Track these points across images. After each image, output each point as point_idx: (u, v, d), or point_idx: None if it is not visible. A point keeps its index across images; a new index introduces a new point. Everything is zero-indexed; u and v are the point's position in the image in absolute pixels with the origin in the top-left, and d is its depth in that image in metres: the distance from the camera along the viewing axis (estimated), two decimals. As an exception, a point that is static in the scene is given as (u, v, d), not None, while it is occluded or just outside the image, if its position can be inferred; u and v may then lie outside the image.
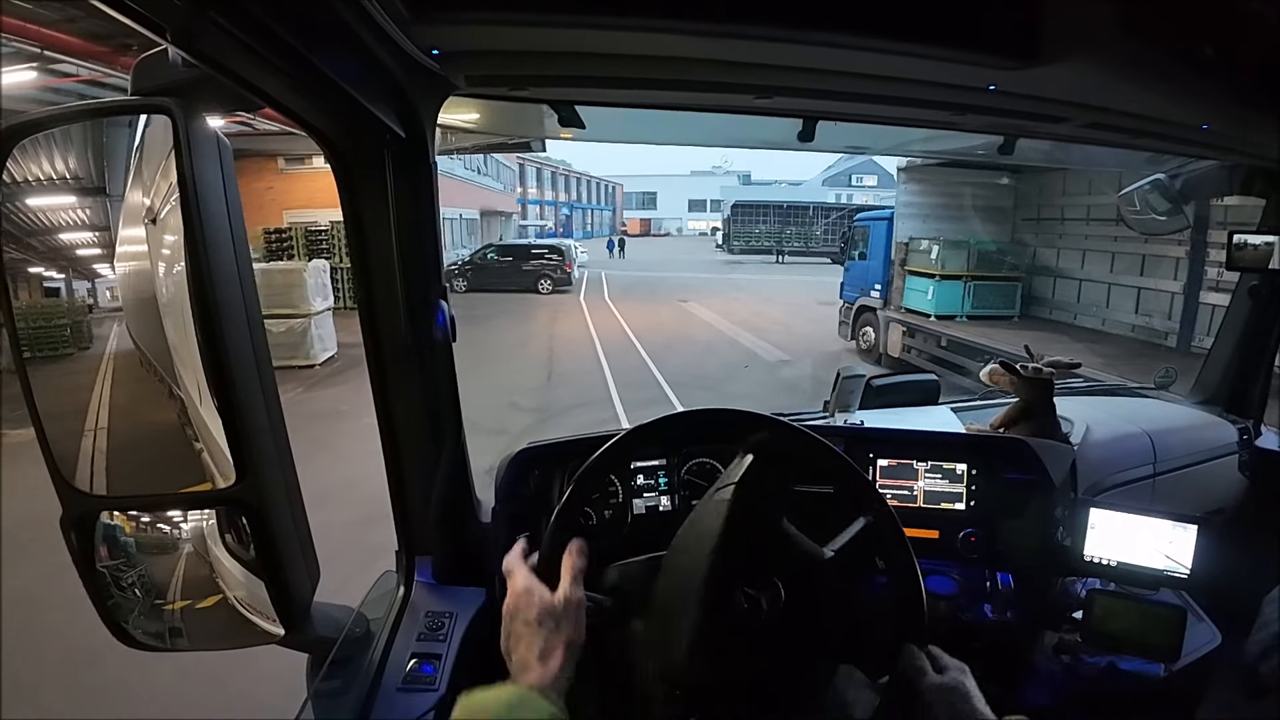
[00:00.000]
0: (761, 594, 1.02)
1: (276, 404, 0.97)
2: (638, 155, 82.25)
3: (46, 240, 1.13)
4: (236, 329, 0.86)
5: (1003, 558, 1.66)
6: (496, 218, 32.33)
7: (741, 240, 37.71)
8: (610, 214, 55.58)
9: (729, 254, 36.97)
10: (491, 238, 27.76)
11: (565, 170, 47.68)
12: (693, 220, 60.29)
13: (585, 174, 52.74)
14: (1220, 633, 1.65)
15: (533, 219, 41.33)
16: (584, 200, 52.67)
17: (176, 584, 1.05)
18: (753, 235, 37.83)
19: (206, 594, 1.06)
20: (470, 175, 26.69)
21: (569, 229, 44.06)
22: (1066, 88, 1.33)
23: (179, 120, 0.79)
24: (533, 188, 42.59)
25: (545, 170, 43.74)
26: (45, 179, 8.03)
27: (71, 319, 9.20)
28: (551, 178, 45.82)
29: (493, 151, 21.67)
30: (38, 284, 7.15)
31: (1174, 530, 1.57)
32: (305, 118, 1.04)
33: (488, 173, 30.04)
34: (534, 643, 0.91)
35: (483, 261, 21.71)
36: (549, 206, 45.52)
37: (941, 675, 1.00)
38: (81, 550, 0.92)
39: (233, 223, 0.86)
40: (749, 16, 1.04)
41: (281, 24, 0.75)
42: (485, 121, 1.73)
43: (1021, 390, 1.94)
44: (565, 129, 1.60)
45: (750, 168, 64.52)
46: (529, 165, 38.99)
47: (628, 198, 60.63)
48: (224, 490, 0.92)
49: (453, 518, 1.54)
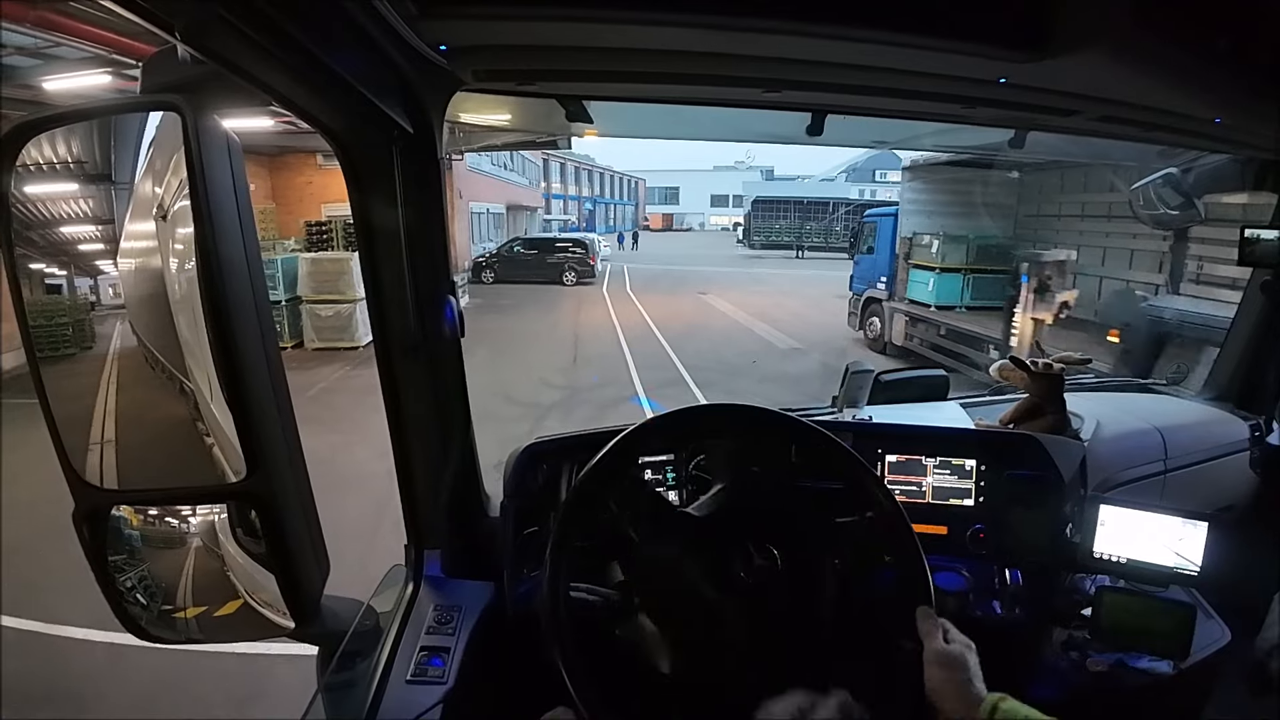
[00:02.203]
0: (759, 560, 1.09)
1: (287, 399, 0.98)
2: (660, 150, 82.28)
3: (49, 236, 1.13)
4: (246, 324, 0.87)
5: (1012, 554, 1.65)
6: (522, 212, 32.45)
7: (762, 235, 37.84)
8: (633, 209, 55.39)
9: (750, 249, 36.98)
10: (517, 231, 27.97)
11: (588, 165, 47.58)
12: (715, 216, 59.95)
13: (608, 169, 52.47)
14: (1230, 630, 1.64)
15: (556, 213, 41.33)
16: (607, 195, 52.50)
17: (187, 577, 1.06)
18: (773, 230, 37.95)
19: (217, 587, 1.07)
20: (497, 171, 26.83)
21: (592, 223, 43.98)
22: (1078, 80, 1.32)
23: (188, 117, 0.79)
24: (557, 183, 42.52)
25: (569, 165, 43.62)
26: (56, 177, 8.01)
27: (73, 317, 9.22)
28: (575, 173, 45.71)
29: (521, 148, 21.93)
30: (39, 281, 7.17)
31: (1184, 527, 1.56)
32: (314, 114, 1.04)
33: (513, 168, 30.17)
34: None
35: (510, 254, 22.22)
36: (572, 201, 45.43)
37: (948, 645, 1.03)
38: (93, 544, 0.93)
39: (242, 219, 0.87)
40: (757, 10, 1.04)
41: (290, 21, 0.75)
42: (497, 117, 1.73)
43: (1032, 386, 1.93)
44: (573, 124, 1.60)
45: (774, 163, 64.02)
46: (553, 161, 38.88)
47: (650, 193, 60.32)
48: (235, 484, 0.92)
49: (461, 512, 1.55)
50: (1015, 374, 1.95)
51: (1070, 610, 1.65)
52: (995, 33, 1.09)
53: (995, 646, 1.60)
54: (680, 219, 56.52)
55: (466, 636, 1.37)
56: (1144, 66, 1.22)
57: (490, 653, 1.41)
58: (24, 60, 7.81)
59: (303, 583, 1.00)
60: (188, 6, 0.68)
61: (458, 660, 1.32)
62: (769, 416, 1.28)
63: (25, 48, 7.29)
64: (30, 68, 7.96)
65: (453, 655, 1.33)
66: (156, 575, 1.06)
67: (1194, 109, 1.56)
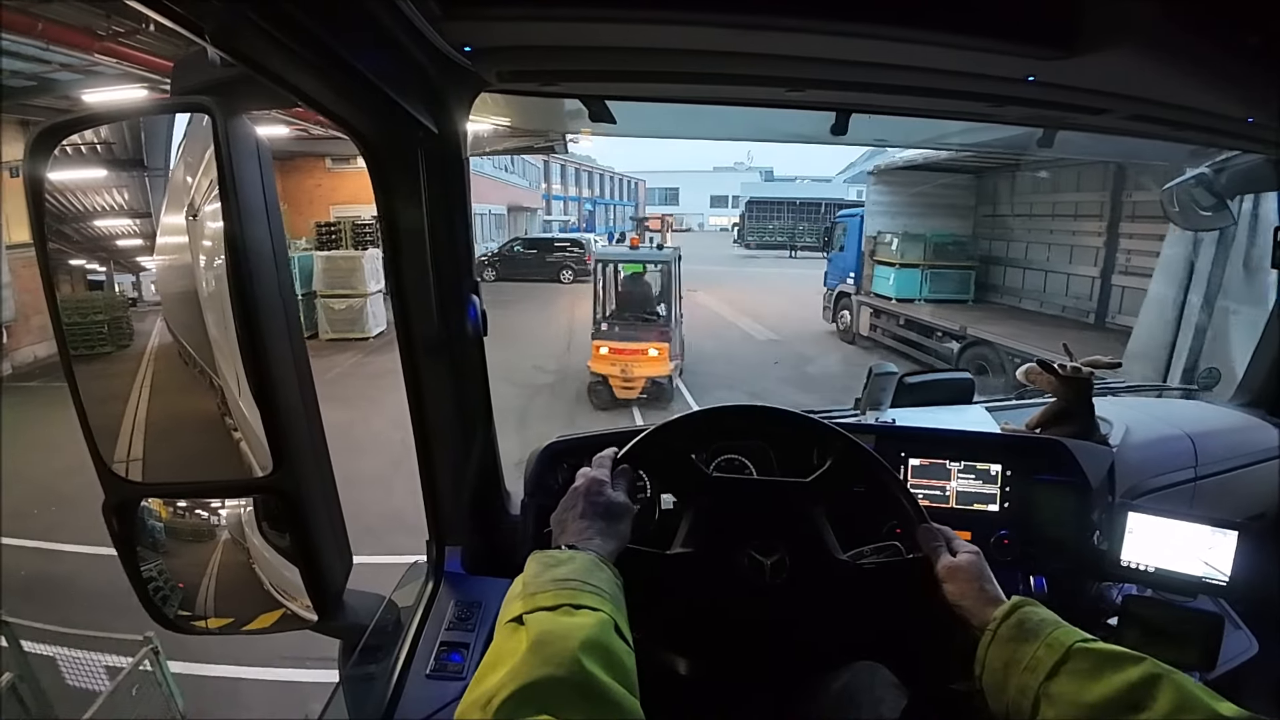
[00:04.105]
0: (768, 558, 1.10)
1: (313, 396, 0.99)
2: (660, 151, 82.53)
3: (91, 234, 1.16)
4: (274, 323, 0.88)
5: (1037, 561, 1.63)
6: (523, 213, 33.15)
7: (756, 235, 38.83)
8: (633, 209, 55.53)
9: (745, 249, 37.76)
10: (518, 232, 28.79)
11: (589, 167, 47.82)
12: (714, 216, 60.28)
13: (608, 170, 52.73)
14: (1257, 641, 1.60)
15: (557, 214, 41.78)
16: (607, 196, 52.83)
17: (213, 570, 1.08)
18: (766, 230, 38.97)
19: (243, 579, 1.09)
20: (498, 173, 27.68)
21: (591, 224, 44.18)
22: (1107, 78, 1.29)
23: (218, 118, 0.80)
24: (557, 184, 42.93)
25: (569, 167, 43.95)
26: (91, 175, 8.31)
27: (110, 314, 9.42)
28: (575, 174, 46.01)
29: (520, 153, 23.23)
30: (81, 277, 7.34)
31: (1214, 536, 1.52)
32: (340, 115, 1.05)
33: (514, 170, 30.99)
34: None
35: (510, 253, 23.57)
36: (572, 202, 45.75)
37: (957, 558, 1.03)
38: (122, 535, 0.95)
39: (270, 219, 0.88)
40: (781, 9, 1.03)
41: (317, 23, 0.76)
42: (513, 118, 1.74)
43: (1059, 390, 1.89)
44: (596, 124, 1.60)
45: (773, 164, 64.36)
46: (553, 162, 39.33)
47: (650, 193, 60.44)
48: (261, 479, 0.94)
49: (482, 510, 1.56)
50: (1042, 377, 1.91)
51: (1096, 619, 1.62)
52: (1023, 30, 1.07)
53: None
54: (680, 219, 56.66)
55: (486, 633, 1.38)
56: (1175, 64, 1.19)
57: None
58: (68, 75, 8.73)
59: (326, 577, 1.02)
60: (217, 9, 0.69)
61: (477, 656, 1.33)
62: (792, 418, 1.28)
63: (70, 65, 8.06)
64: (71, 81, 8.87)
65: (472, 651, 1.34)
66: (183, 567, 1.08)
67: (1226, 108, 1.52)
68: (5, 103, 9.41)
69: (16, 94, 9.35)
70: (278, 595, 1.06)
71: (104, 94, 8.53)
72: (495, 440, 1.57)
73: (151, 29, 6.64)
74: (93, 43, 6.79)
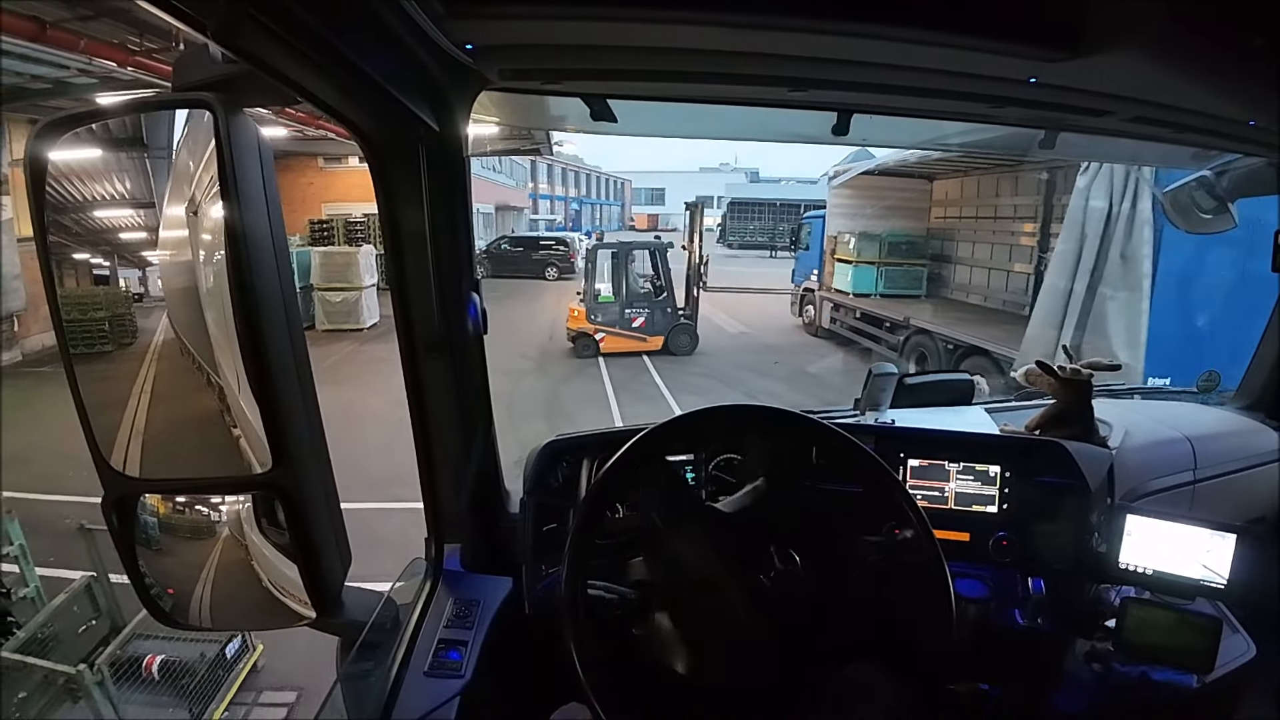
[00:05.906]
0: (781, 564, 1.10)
1: (312, 393, 0.99)
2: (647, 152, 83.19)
3: (95, 228, 1.15)
4: (275, 319, 0.88)
5: (1035, 563, 1.63)
6: (510, 212, 33.51)
7: (737, 236, 39.51)
8: (619, 209, 56.15)
9: (727, 249, 38.00)
10: (505, 230, 29.27)
11: (575, 166, 48.03)
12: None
13: (595, 170, 53.02)
14: (1255, 644, 1.60)
15: (544, 213, 42.03)
16: (593, 196, 53.17)
17: (212, 566, 1.08)
18: (748, 231, 39.57)
19: (242, 576, 1.09)
20: (486, 172, 28.18)
21: (578, 223, 44.46)
22: (1110, 80, 1.29)
23: (219, 115, 0.80)
24: (544, 183, 43.24)
25: (556, 167, 44.24)
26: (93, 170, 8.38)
27: (111, 311, 9.38)
28: (562, 174, 46.28)
29: (507, 154, 23.97)
30: (87, 272, 7.40)
31: (1212, 539, 1.53)
32: (342, 112, 1.05)
33: (502, 170, 31.50)
34: None
35: (497, 251, 24.13)
36: (559, 202, 45.97)
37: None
38: (121, 531, 0.95)
39: (271, 215, 0.88)
40: (784, 8, 1.03)
41: (319, 20, 0.76)
42: (512, 117, 1.74)
43: (1059, 391, 1.89)
44: (598, 123, 1.60)
45: (759, 165, 64.46)
46: (540, 162, 39.71)
47: (636, 194, 60.60)
48: (260, 476, 0.94)
49: (482, 507, 1.56)
50: (1042, 379, 1.91)
51: (1094, 621, 1.62)
52: (1026, 31, 1.07)
53: (1017, 656, 1.58)
54: (665, 219, 56.80)
55: (485, 631, 1.38)
56: (1177, 66, 1.19)
57: (508, 647, 1.43)
58: (85, 79, 9.20)
59: (325, 573, 1.02)
60: (219, 6, 0.69)
61: (475, 654, 1.33)
62: (792, 418, 1.28)
63: (87, 69, 8.53)
64: (87, 85, 9.31)
65: (470, 649, 1.34)
66: (182, 563, 1.08)
67: (1228, 110, 1.52)
68: (21, 103, 9.66)
69: (31, 95, 9.63)
70: (276, 592, 1.06)
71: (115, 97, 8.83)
72: (495, 438, 1.57)
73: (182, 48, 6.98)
74: (127, 57, 7.34)
